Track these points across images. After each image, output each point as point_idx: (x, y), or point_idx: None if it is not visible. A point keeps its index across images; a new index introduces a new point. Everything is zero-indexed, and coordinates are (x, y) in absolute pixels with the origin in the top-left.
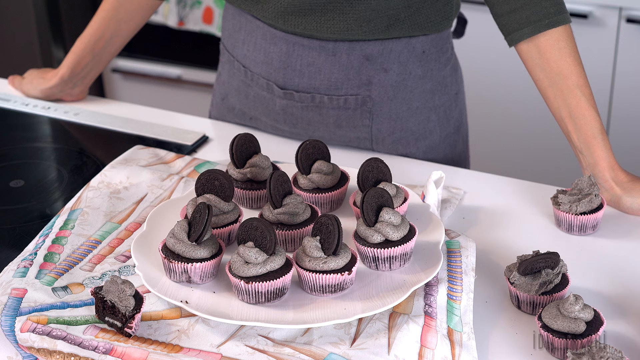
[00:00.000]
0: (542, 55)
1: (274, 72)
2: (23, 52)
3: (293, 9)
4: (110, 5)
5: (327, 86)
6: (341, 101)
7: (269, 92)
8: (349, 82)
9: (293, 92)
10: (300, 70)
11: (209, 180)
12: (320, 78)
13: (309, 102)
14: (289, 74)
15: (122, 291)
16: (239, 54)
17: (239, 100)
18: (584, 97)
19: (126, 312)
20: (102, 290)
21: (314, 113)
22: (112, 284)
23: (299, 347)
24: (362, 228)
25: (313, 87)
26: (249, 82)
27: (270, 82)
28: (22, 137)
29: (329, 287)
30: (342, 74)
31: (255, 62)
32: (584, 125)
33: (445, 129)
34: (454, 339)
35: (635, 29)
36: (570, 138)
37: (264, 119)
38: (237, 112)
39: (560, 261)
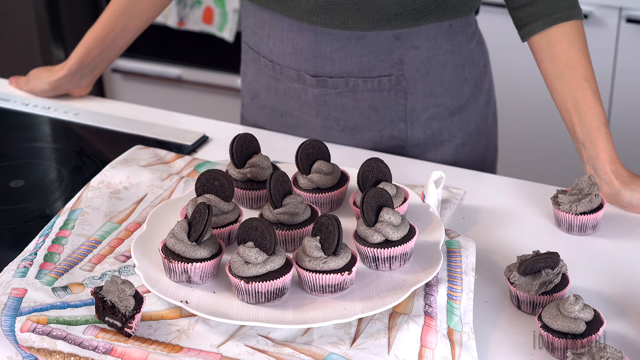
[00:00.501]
0: (552, 46)
1: (304, 62)
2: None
3: (319, 8)
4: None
5: (360, 69)
6: (375, 83)
7: (301, 82)
8: (381, 63)
9: (326, 78)
10: (331, 57)
11: (209, 180)
12: (352, 62)
13: (343, 87)
14: (320, 62)
15: (122, 291)
16: (264, 49)
17: (269, 97)
18: (591, 89)
19: (126, 312)
20: (102, 290)
21: (348, 99)
22: (112, 284)
23: (299, 347)
24: (362, 228)
25: (345, 72)
26: (278, 77)
27: (301, 72)
28: (22, 137)
29: (329, 287)
30: (373, 55)
31: (283, 55)
32: (588, 117)
33: (477, 101)
34: (454, 339)
35: (635, 29)
36: (574, 130)
37: (296, 113)
38: (268, 110)
39: (560, 261)
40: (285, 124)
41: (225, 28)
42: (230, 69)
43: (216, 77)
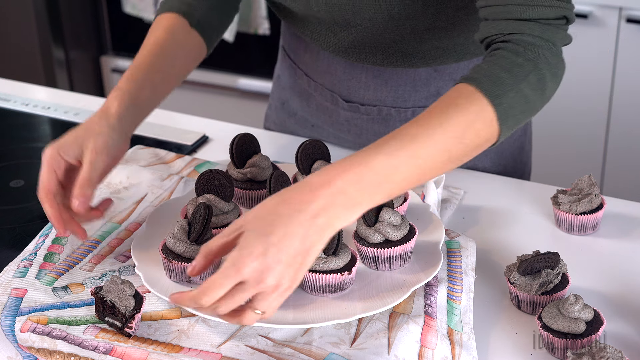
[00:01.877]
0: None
1: (338, 83)
2: (23, 52)
3: (354, 48)
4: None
5: (394, 98)
6: (409, 113)
7: (333, 103)
8: (417, 94)
9: (358, 105)
10: (366, 83)
11: (209, 180)
12: (387, 90)
13: (375, 114)
14: (354, 86)
15: (122, 291)
16: (301, 61)
17: (301, 107)
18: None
19: (126, 312)
20: (102, 290)
21: (380, 125)
22: (112, 284)
23: (299, 347)
24: (362, 228)
25: (379, 99)
26: (312, 92)
27: (335, 93)
28: (22, 137)
29: (329, 287)
30: (409, 86)
31: (318, 72)
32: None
33: (514, 133)
34: (454, 339)
35: (635, 29)
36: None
37: (327, 127)
38: (299, 118)
39: (560, 261)
40: (316, 134)
41: None
42: (230, 69)
43: (216, 77)
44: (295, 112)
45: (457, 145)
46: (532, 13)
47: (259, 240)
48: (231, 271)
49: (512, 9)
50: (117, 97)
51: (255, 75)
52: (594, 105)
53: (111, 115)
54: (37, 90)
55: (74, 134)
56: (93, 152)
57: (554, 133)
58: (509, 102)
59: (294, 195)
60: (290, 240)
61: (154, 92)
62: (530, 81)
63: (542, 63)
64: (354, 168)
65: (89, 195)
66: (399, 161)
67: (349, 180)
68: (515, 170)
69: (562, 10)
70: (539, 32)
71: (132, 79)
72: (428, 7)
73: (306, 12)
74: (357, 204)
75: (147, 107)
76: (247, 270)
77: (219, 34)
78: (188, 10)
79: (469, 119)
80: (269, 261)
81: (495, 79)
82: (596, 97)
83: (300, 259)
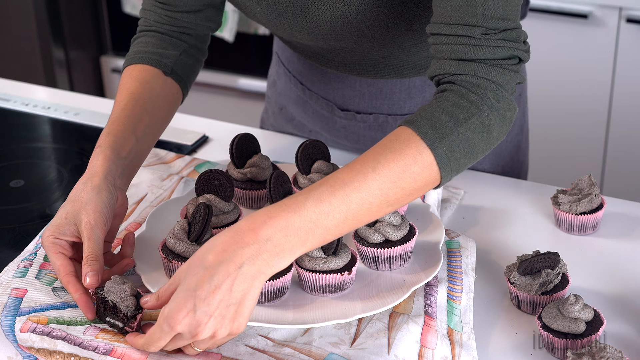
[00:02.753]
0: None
1: (333, 92)
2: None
3: (344, 67)
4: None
5: (389, 106)
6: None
7: (329, 111)
8: (412, 101)
9: (354, 113)
10: (360, 91)
11: (209, 180)
12: (382, 98)
13: (372, 122)
14: (349, 95)
15: (123, 291)
16: (295, 69)
17: (298, 113)
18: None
19: (128, 312)
20: (103, 291)
21: (377, 132)
22: (113, 284)
23: (299, 347)
24: (362, 228)
25: (374, 107)
26: (307, 99)
27: (330, 102)
28: (22, 137)
29: (329, 287)
30: (404, 93)
31: (312, 81)
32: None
33: (511, 132)
34: (454, 339)
35: (635, 29)
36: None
37: (325, 134)
38: (297, 123)
39: (560, 261)
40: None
41: (225, 28)
42: (230, 69)
43: (216, 77)
44: (293, 117)
45: (393, 189)
46: (478, 53)
47: (188, 295)
48: (165, 327)
49: (458, 49)
50: (98, 155)
51: (255, 75)
52: (594, 105)
53: (96, 176)
54: (37, 90)
55: (63, 212)
56: (88, 228)
57: (554, 133)
58: (449, 145)
59: (220, 245)
60: (217, 294)
61: (138, 142)
62: (473, 124)
63: (485, 105)
64: (282, 214)
65: (98, 269)
66: (329, 207)
67: (277, 227)
68: (512, 169)
69: (511, 50)
70: (483, 74)
71: (112, 133)
72: (412, 27)
73: (291, 39)
74: (285, 250)
75: (135, 159)
76: (179, 326)
77: (193, 78)
78: (159, 60)
79: (405, 163)
80: (199, 316)
81: (434, 122)
82: (596, 97)
83: (234, 309)
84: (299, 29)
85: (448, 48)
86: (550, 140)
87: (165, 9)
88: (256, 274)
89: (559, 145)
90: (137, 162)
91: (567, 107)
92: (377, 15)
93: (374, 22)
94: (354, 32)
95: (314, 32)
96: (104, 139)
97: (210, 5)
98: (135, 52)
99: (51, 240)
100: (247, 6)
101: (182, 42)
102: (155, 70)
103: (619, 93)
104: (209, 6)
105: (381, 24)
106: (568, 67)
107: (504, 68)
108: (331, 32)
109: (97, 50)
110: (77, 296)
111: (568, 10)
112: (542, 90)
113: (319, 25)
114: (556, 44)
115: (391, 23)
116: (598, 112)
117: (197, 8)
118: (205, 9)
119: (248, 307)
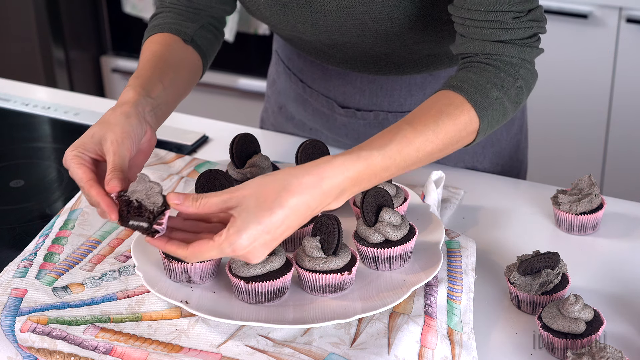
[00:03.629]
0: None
1: (333, 90)
2: (23, 52)
3: (345, 63)
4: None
5: (390, 103)
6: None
7: (329, 109)
8: (412, 98)
9: (354, 110)
10: (361, 88)
11: (209, 180)
12: (382, 95)
13: (372, 119)
14: (349, 92)
15: (149, 188)
16: (295, 67)
17: (298, 112)
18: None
19: (154, 209)
20: (127, 192)
21: (377, 130)
22: (138, 184)
23: (299, 347)
24: (362, 228)
25: (375, 104)
26: (307, 97)
27: (330, 99)
28: (22, 137)
29: (329, 287)
30: (404, 91)
31: (313, 78)
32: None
33: (510, 131)
34: (454, 339)
35: (635, 29)
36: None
37: (325, 132)
38: (297, 122)
39: (560, 261)
40: (314, 137)
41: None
42: (230, 69)
43: (216, 77)
44: (293, 116)
45: (443, 151)
46: (510, 35)
47: (261, 230)
48: (228, 250)
49: (490, 33)
50: (128, 90)
51: (255, 75)
52: (594, 105)
53: (126, 104)
54: (37, 90)
55: (90, 131)
56: (114, 144)
57: (554, 133)
58: (492, 114)
59: (306, 204)
60: (288, 232)
61: (165, 91)
62: (511, 95)
63: (521, 79)
64: (364, 174)
65: (122, 179)
66: (391, 163)
67: (352, 184)
68: (512, 169)
69: (536, 29)
70: (516, 54)
71: (141, 77)
72: (415, 24)
73: (292, 33)
74: (347, 196)
75: (163, 106)
76: (242, 253)
77: (212, 53)
78: (179, 29)
79: (458, 129)
80: (262, 250)
81: (482, 91)
82: (596, 97)
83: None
84: (302, 20)
85: (480, 31)
86: (550, 140)
87: None
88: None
89: (559, 145)
90: (165, 109)
91: (567, 107)
92: (382, 8)
93: (378, 15)
94: (358, 24)
95: (318, 24)
96: (132, 80)
97: None
98: (154, 25)
99: (74, 154)
100: None
101: (200, 17)
102: (176, 37)
103: (619, 93)
104: None
105: (385, 17)
106: (568, 67)
107: (531, 46)
108: (335, 24)
109: (97, 50)
110: (100, 199)
111: (568, 10)
112: (542, 90)
113: (323, 15)
114: (556, 44)
115: (396, 18)
116: (598, 112)
117: None
118: None
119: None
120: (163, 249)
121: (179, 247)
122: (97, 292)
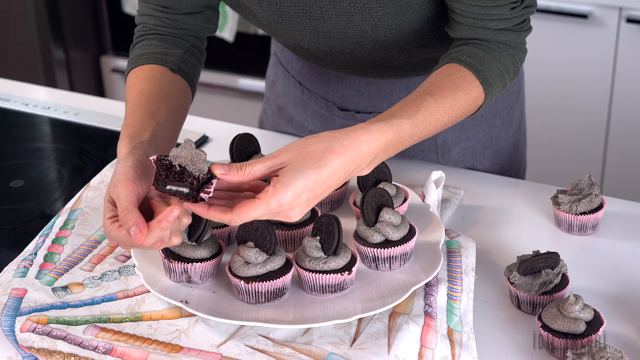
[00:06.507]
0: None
1: (332, 92)
2: (23, 52)
3: (344, 68)
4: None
5: (389, 105)
6: None
7: (329, 111)
8: None
9: (354, 112)
10: (360, 90)
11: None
12: (381, 97)
13: None
14: (348, 94)
15: (196, 154)
16: (293, 69)
17: (297, 114)
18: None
19: (200, 175)
20: (169, 157)
21: None
22: (182, 150)
23: (299, 347)
24: (362, 228)
25: (374, 106)
26: (306, 99)
27: (329, 102)
28: (22, 137)
29: (329, 287)
30: (403, 92)
31: (311, 81)
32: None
33: (509, 130)
34: (454, 339)
35: (635, 29)
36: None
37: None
38: (296, 123)
39: (560, 261)
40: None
41: (225, 28)
42: (230, 69)
43: (216, 77)
44: (293, 118)
45: (451, 123)
46: (508, 23)
47: (306, 187)
48: (275, 206)
49: (490, 23)
50: (119, 145)
51: (255, 75)
52: (594, 105)
53: (119, 156)
54: (37, 90)
55: (106, 196)
56: (114, 191)
57: (554, 133)
58: (495, 90)
59: (343, 166)
60: (326, 193)
61: (161, 127)
62: (511, 72)
63: (517, 58)
64: (394, 141)
65: (137, 217)
66: (416, 131)
67: (384, 149)
68: (511, 167)
69: (528, 14)
70: (513, 38)
71: (130, 125)
72: (413, 28)
73: (290, 40)
74: (377, 162)
75: (164, 138)
76: (286, 209)
77: (197, 78)
78: (165, 59)
79: (469, 103)
80: (304, 205)
81: (489, 68)
82: (596, 97)
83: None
84: (301, 28)
85: (479, 22)
86: (550, 140)
87: (165, 12)
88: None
89: (559, 145)
90: (167, 140)
91: (567, 107)
92: (382, 16)
93: (378, 23)
94: (357, 31)
95: (317, 31)
96: (123, 131)
97: (208, 6)
98: (138, 55)
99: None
100: (247, 7)
101: (184, 41)
102: (162, 67)
103: (619, 93)
104: (208, 7)
105: (385, 24)
106: (568, 67)
107: (525, 30)
108: (334, 31)
109: (97, 50)
110: (138, 218)
111: (568, 10)
112: (542, 90)
113: (322, 22)
114: (556, 44)
115: (395, 25)
116: (598, 112)
117: (197, 10)
118: (204, 10)
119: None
120: (205, 216)
121: (222, 212)
122: (97, 292)
